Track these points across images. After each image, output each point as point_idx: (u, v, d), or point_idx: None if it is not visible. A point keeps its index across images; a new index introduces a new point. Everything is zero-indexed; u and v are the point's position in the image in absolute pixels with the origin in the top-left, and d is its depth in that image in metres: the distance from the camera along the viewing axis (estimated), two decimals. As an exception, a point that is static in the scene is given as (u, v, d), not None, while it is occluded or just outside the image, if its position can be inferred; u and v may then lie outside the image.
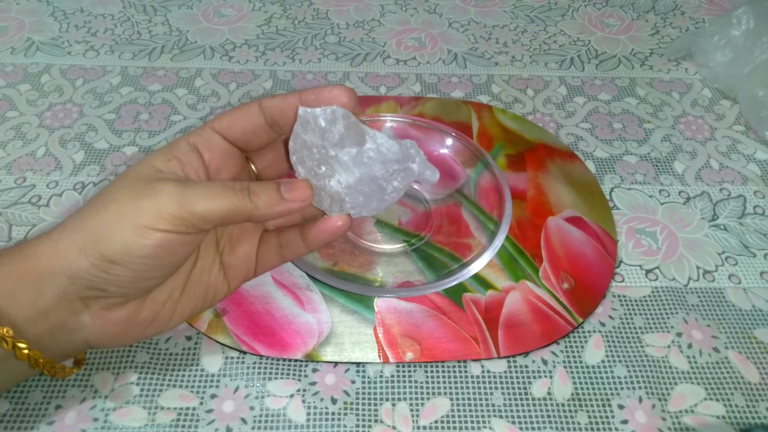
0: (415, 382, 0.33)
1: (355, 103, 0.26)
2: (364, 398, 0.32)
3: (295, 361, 0.33)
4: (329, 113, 0.26)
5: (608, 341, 0.35)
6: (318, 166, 0.27)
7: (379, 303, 0.35)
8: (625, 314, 0.36)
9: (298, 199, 0.26)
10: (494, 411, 0.32)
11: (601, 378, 0.33)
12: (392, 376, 0.33)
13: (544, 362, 0.34)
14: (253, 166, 0.30)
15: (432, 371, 0.33)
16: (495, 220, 0.40)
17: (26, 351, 0.24)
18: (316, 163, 0.27)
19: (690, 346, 0.35)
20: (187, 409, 0.31)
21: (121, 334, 0.27)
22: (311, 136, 0.26)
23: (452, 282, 0.36)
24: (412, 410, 0.32)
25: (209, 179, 0.27)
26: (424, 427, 0.31)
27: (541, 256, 0.38)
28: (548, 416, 0.32)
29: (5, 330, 0.23)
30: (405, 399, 0.32)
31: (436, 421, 0.31)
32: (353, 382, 0.33)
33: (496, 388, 0.33)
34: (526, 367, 0.34)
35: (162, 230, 0.24)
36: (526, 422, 0.31)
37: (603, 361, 0.34)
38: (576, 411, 0.32)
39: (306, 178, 0.27)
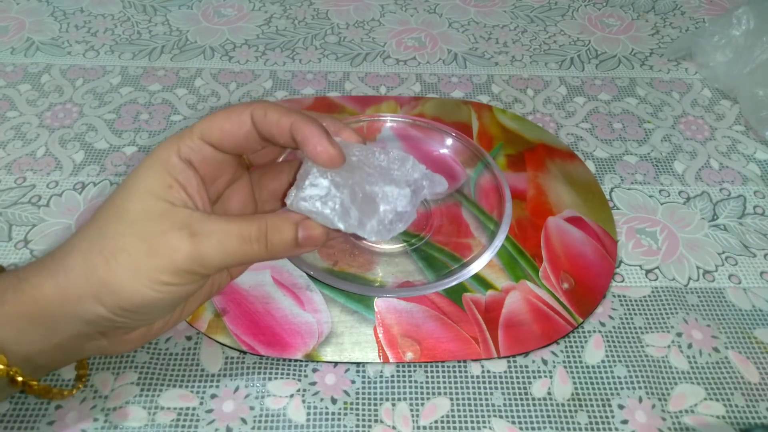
0: (415, 382, 0.33)
1: (342, 161, 0.25)
2: (364, 398, 0.32)
3: (295, 361, 0.33)
4: (339, 209, 0.25)
5: (608, 341, 0.35)
6: (333, 225, 0.26)
7: (379, 303, 0.35)
8: (625, 314, 0.36)
9: (311, 246, 0.26)
10: (494, 411, 0.32)
11: (601, 378, 0.33)
12: (392, 376, 0.33)
13: (544, 362, 0.34)
14: (246, 156, 0.30)
15: (432, 371, 0.33)
16: (495, 220, 0.40)
17: (36, 387, 0.25)
18: (330, 225, 0.26)
19: (690, 346, 0.35)
20: (187, 409, 0.31)
21: (135, 346, 0.28)
22: (321, 220, 0.26)
23: (452, 282, 0.36)
24: (412, 410, 0.32)
25: (208, 193, 0.26)
26: (424, 427, 0.31)
27: (541, 256, 0.38)
28: (548, 416, 0.32)
29: (14, 370, 0.24)
30: (405, 399, 0.32)
31: (436, 421, 0.31)
32: (353, 382, 0.33)
33: (496, 388, 0.33)
34: (526, 367, 0.34)
35: (178, 284, 0.24)
36: (526, 422, 0.31)
37: (603, 361, 0.34)
38: (576, 411, 0.32)
39: (323, 226, 0.26)
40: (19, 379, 0.24)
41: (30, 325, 0.24)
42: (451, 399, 0.32)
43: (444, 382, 0.33)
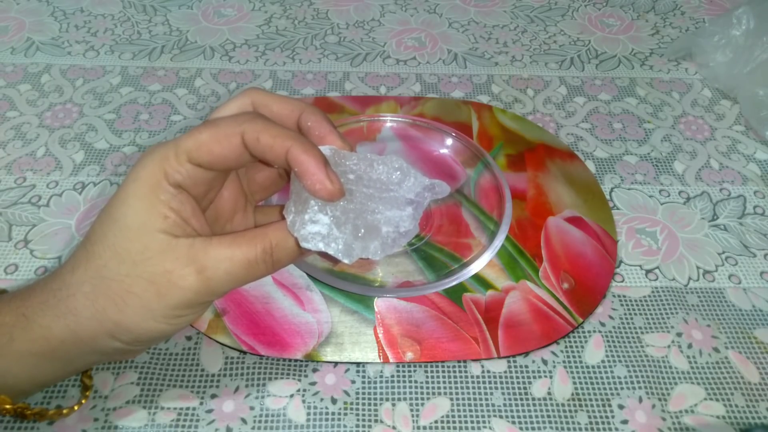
0: (415, 382, 0.33)
1: (341, 195, 0.24)
2: (364, 398, 0.32)
3: (295, 361, 0.33)
4: (342, 248, 0.25)
5: (608, 341, 0.35)
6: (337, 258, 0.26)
7: (379, 303, 0.35)
8: (625, 314, 0.36)
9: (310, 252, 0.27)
10: (494, 411, 0.32)
11: (601, 378, 0.33)
12: (392, 376, 0.33)
13: (544, 362, 0.34)
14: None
15: (432, 371, 0.33)
16: (495, 220, 0.40)
17: (30, 414, 0.26)
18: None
19: (690, 346, 0.35)
20: (187, 409, 0.31)
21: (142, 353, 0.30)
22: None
23: (452, 282, 0.36)
24: (412, 410, 0.32)
25: (201, 206, 0.26)
26: (424, 427, 0.31)
27: (541, 256, 0.38)
28: (548, 416, 0.32)
29: (24, 406, 0.26)
30: (405, 399, 0.32)
31: (436, 421, 0.31)
32: (353, 382, 0.33)
33: (496, 388, 0.33)
34: (526, 367, 0.34)
35: (190, 314, 0.25)
36: (526, 422, 0.31)
37: (603, 361, 0.34)
38: (576, 411, 0.32)
39: None
40: (29, 414, 0.26)
41: (44, 362, 0.25)
42: (451, 399, 0.32)
43: (444, 382, 0.33)
